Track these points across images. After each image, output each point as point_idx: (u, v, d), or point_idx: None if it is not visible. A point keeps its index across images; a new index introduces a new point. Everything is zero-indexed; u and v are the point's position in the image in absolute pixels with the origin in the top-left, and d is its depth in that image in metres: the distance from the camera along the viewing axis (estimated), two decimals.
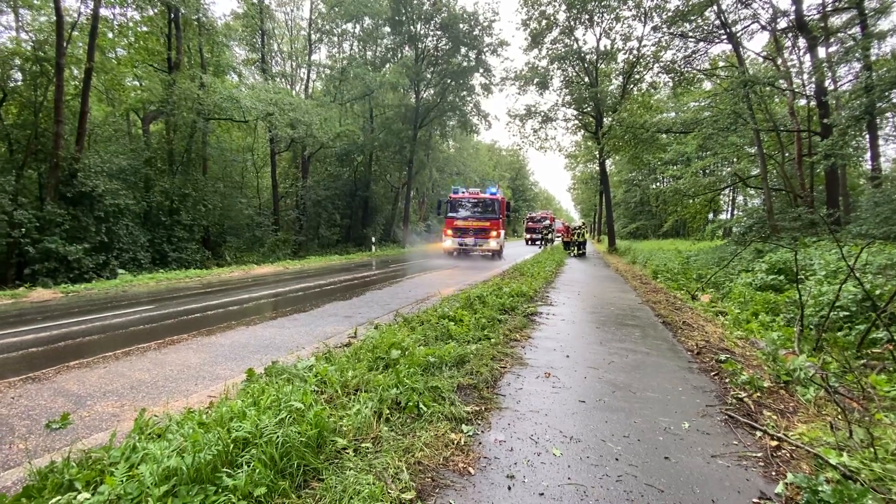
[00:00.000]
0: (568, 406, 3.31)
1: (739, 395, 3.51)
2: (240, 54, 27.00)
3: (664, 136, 20.25)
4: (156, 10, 18.63)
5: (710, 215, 30.43)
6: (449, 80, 29.25)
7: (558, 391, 3.60)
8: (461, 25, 27.53)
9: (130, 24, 19.53)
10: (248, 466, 2.02)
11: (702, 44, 16.16)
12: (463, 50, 28.52)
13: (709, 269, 10.64)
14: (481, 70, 29.04)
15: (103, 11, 16.33)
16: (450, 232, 18.53)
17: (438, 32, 28.47)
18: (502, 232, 19.09)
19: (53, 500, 1.79)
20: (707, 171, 26.65)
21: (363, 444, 2.52)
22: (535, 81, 24.99)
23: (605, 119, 23.04)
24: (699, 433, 2.92)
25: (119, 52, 19.75)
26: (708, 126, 14.39)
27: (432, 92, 30.71)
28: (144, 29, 19.54)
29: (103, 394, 3.54)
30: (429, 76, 29.60)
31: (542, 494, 2.20)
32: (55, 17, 14.36)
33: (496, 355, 4.38)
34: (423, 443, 2.56)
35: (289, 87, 28.55)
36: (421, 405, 2.97)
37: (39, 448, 2.68)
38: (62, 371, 4.06)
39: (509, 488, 2.25)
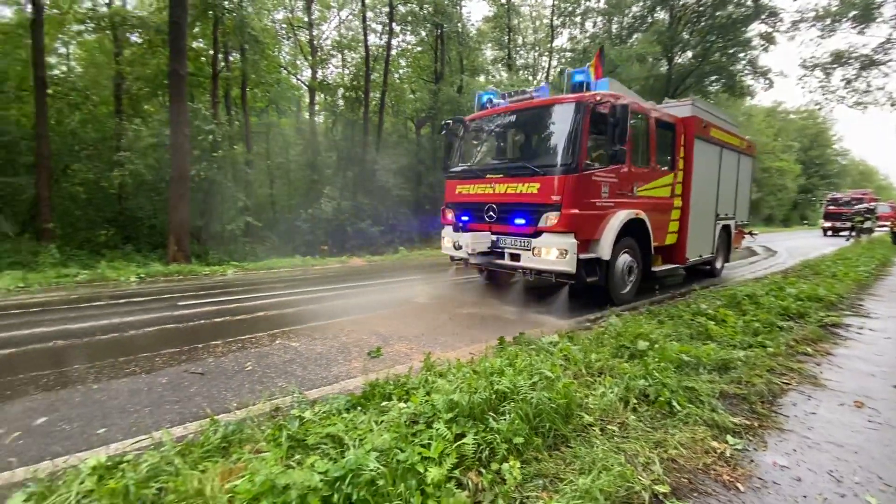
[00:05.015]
0: (894, 448, 2.46)
1: None
2: (489, 55, 29.62)
3: None
4: (426, 32, 22.36)
5: None
6: (713, 38, 24.55)
7: (877, 428, 2.71)
8: None
9: (409, 47, 24.11)
10: (508, 416, 2.33)
11: None
12: None
13: None
14: (763, 16, 23.21)
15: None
16: (450, 215, 7.06)
17: None
18: (610, 223, 5.76)
19: (382, 403, 2.52)
20: None
21: (609, 426, 2.53)
22: (850, 15, 18.38)
23: None
24: None
25: (401, 71, 24.73)
26: None
27: (689, 55, 26.43)
28: (419, 49, 23.72)
29: (398, 338, 4.66)
30: (686, 37, 25.59)
31: None
32: (364, 54, 19.02)
33: (775, 367, 3.60)
34: (677, 441, 2.39)
35: (531, 77, 29.67)
36: (674, 403, 2.76)
37: (366, 368, 3.75)
38: (373, 318, 5.53)
39: None
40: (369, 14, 21.16)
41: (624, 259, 6.11)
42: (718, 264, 9.23)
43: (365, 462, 1.79)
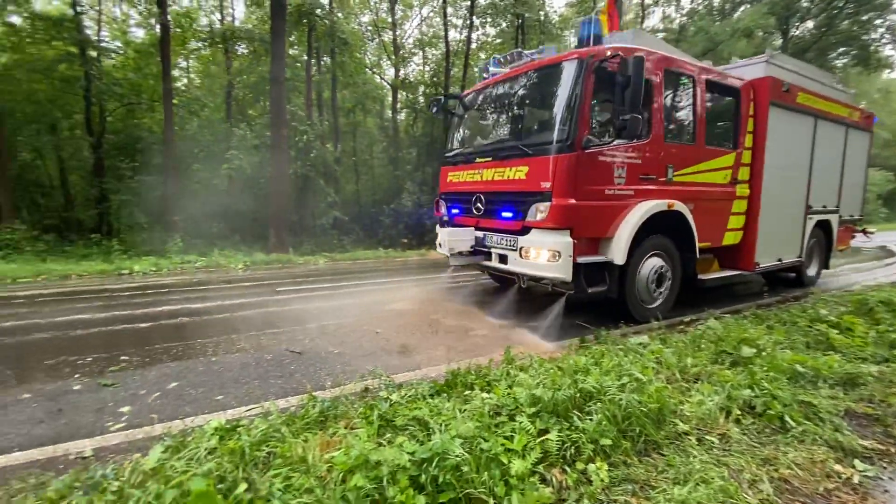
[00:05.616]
0: None
1: None
2: (572, 42, 28.42)
3: None
4: (506, 23, 22.02)
5: None
6: (841, 3, 21.20)
7: None
8: None
9: (488, 40, 23.95)
10: (595, 416, 2.25)
11: None
12: None
13: None
14: None
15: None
16: (443, 207, 6.10)
17: None
18: (627, 217, 4.48)
19: (465, 392, 2.58)
20: None
21: (707, 437, 2.34)
22: None
23: None
24: None
25: (480, 65, 24.67)
26: None
27: (810, 26, 23.10)
28: (499, 41, 23.45)
29: (475, 329, 4.71)
30: (806, 5, 22.37)
31: None
32: (445, 49, 19.25)
33: None
34: (790, 460, 2.15)
35: None
36: (787, 417, 2.47)
37: (448, 357, 3.83)
38: (451, 308, 5.64)
39: None
40: (449, 10, 21.36)
41: (651, 264, 4.80)
42: (811, 271, 7.20)
43: (450, 447, 1.84)
